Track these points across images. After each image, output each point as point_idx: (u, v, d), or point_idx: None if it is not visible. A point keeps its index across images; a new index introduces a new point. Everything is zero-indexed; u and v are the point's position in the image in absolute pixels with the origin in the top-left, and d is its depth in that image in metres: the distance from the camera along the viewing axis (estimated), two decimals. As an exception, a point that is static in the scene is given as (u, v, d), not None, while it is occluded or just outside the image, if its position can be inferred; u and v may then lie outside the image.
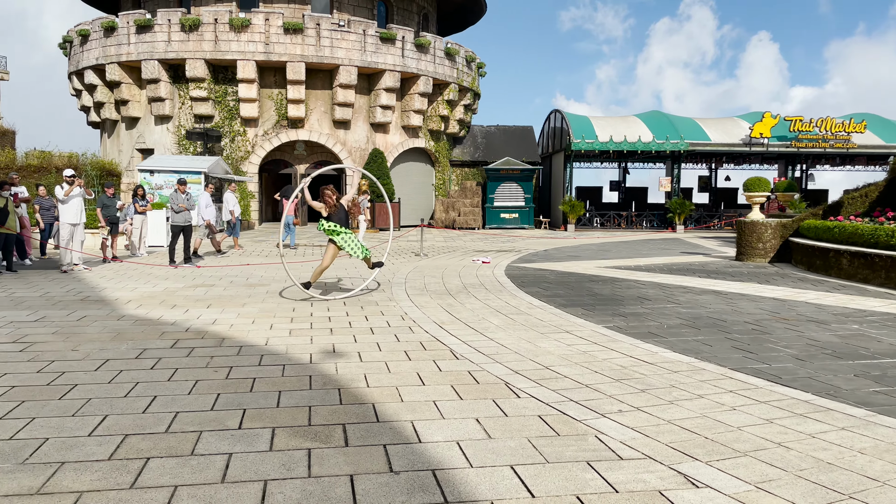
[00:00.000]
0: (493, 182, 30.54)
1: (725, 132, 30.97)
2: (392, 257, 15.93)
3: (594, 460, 3.60)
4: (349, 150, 27.91)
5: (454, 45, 30.10)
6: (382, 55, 27.10)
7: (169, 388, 4.87)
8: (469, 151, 33.18)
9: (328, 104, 27.46)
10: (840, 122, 29.70)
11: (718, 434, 4.02)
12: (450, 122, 31.23)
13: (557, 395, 4.82)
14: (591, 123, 30.87)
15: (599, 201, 36.63)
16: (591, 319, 7.94)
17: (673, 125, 30.75)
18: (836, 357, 6.08)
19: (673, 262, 15.23)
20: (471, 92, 31.68)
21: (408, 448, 3.75)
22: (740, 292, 10.36)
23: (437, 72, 28.98)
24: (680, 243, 22.15)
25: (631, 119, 32.20)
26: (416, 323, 7.55)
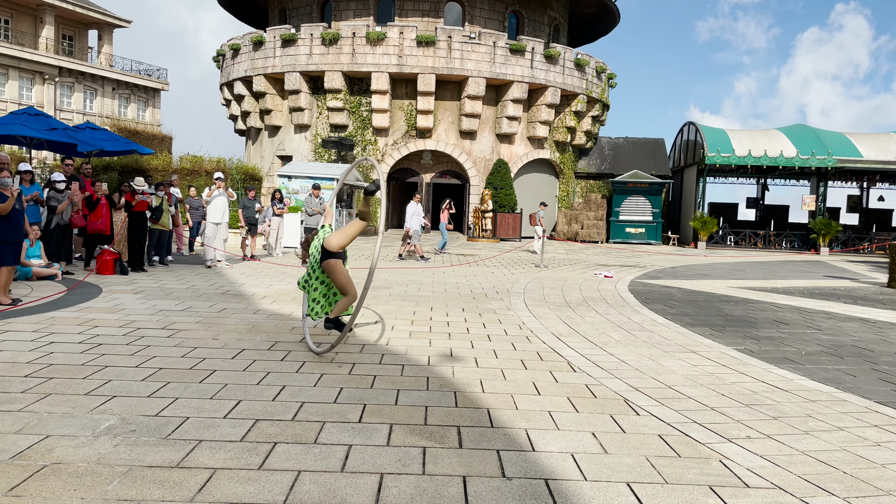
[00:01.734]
0: (619, 195, 29.80)
1: (880, 148, 28.48)
2: (511, 268, 15.93)
3: (717, 485, 3.43)
4: (474, 161, 28.25)
5: (584, 55, 29.74)
6: (511, 66, 27.25)
7: (296, 379, 5.14)
8: (595, 163, 32.60)
9: (455, 115, 27.94)
10: None
11: (859, 470, 3.70)
12: (576, 134, 30.84)
13: (680, 415, 4.63)
14: (727, 136, 29.41)
15: (734, 219, 34.78)
16: (720, 341, 7.55)
17: (819, 139, 28.67)
18: None
19: (815, 286, 14.18)
20: (599, 103, 31.14)
21: (521, 455, 3.74)
22: (891, 321, 9.47)
23: (565, 83, 28.74)
24: (823, 266, 20.58)
25: (772, 132, 30.37)
26: (533, 333, 7.51)
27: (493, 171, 27.43)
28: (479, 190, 27.86)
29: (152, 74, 47.08)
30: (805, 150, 28.01)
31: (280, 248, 16.54)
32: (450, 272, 14.12)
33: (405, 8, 28.34)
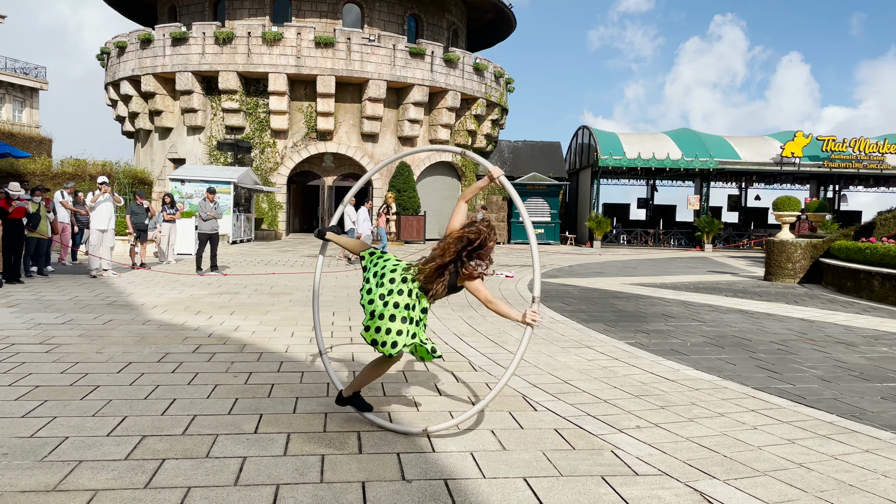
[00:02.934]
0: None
1: (756, 151, 30.61)
2: (416, 270, 15.95)
3: (609, 475, 3.55)
4: (376, 163, 28.13)
5: (483, 60, 30.27)
6: (411, 69, 27.34)
7: (188, 391, 4.92)
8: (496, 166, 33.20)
9: (357, 117, 27.74)
10: (874, 143, 29.19)
11: (738, 453, 3.94)
12: (477, 137, 31.33)
13: (575, 409, 4.78)
14: (619, 140, 30.73)
15: (626, 218, 36.37)
16: (613, 335, 7.86)
17: (702, 143, 30.48)
18: (863, 379, 5.93)
19: (699, 281, 15.04)
20: (498, 107, 31.78)
21: (421, 457, 3.74)
22: (767, 312, 10.18)
23: (465, 87, 29.14)
24: (708, 262, 21.87)
25: (660, 136, 31.99)
26: (435, 334, 7.55)
27: (396, 174, 27.43)
28: (383, 193, 27.76)
29: (29, 73, 43.94)
30: (689, 152, 29.68)
31: (173, 255, 15.83)
32: (354, 276, 13.98)
33: (302, 8, 27.87)
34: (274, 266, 15.67)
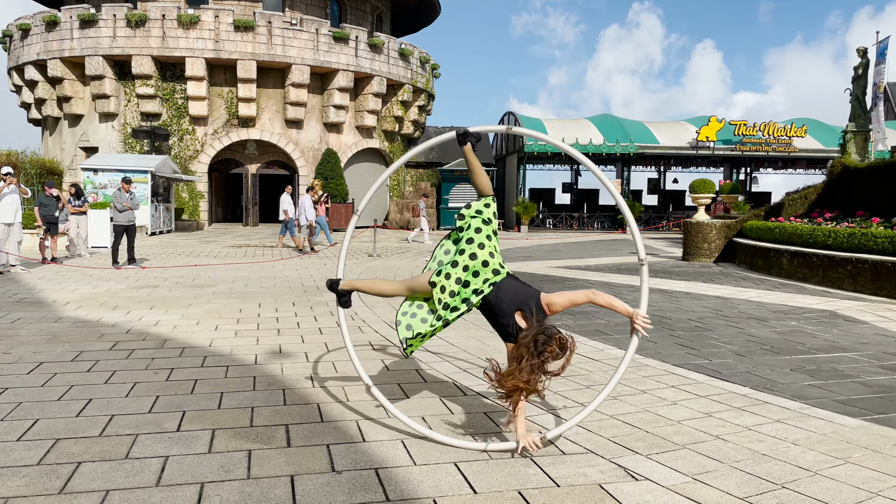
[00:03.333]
0: (447, 183, 30.62)
1: (673, 135, 31.69)
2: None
3: (537, 456, 3.62)
4: (302, 150, 27.63)
5: (408, 45, 30.08)
6: (335, 55, 26.91)
7: (105, 390, 4.71)
8: (423, 152, 33.16)
9: (280, 103, 27.12)
10: (782, 127, 30.70)
11: (658, 427, 4.09)
12: (404, 123, 31.18)
13: (504, 392, 4.84)
14: (543, 126, 31.21)
15: (552, 203, 37.06)
16: (541, 318, 7.99)
17: (623, 128, 31.32)
18: (774, 352, 6.26)
19: (622, 262, 15.49)
20: (425, 93, 31.70)
21: (351, 447, 3.71)
22: (685, 291, 10.59)
23: (390, 72, 28.91)
24: (630, 244, 22.55)
25: (582, 122, 32.67)
26: (365, 323, 7.50)
27: (323, 161, 27.02)
28: (309, 180, 27.29)
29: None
30: (611, 137, 30.45)
31: (86, 248, 15.10)
32: (280, 266, 13.71)
33: (220, -10, 26.94)
34: (196, 258, 15.18)
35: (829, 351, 6.34)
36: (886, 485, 3.26)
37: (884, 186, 12.85)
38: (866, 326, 7.65)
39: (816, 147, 31.28)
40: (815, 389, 5.00)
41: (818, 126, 32.25)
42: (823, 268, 11.33)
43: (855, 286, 10.57)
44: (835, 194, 14.83)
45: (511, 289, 3.72)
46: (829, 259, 11.20)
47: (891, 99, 31.94)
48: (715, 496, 3.14)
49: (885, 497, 3.12)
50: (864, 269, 10.40)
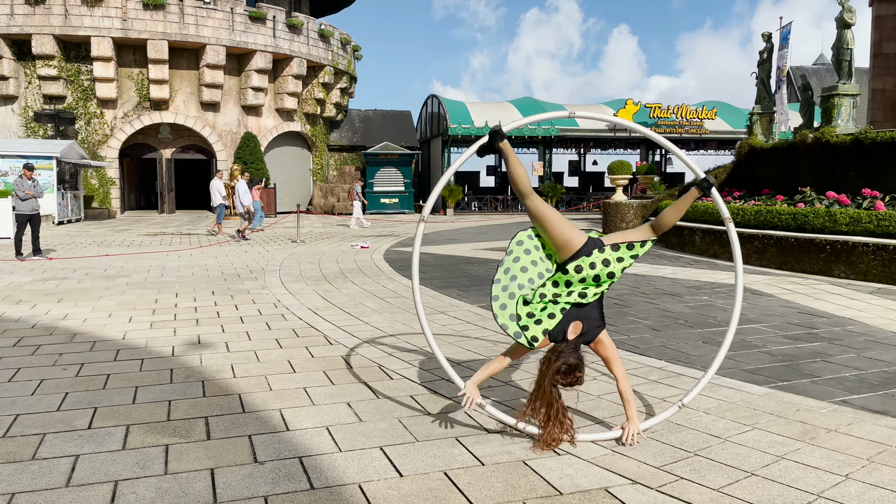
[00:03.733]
0: (372, 167, 30.34)
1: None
2: (267, 245, 15.46)
3: (462, 436, 3.65)
4: (219, 134, 26.74)
5: (328, 26, 29.51)
6: (252, 35, 26.10)
7: (9, 389, 4.44)
8: (347, 136, 32.74)
9: (195, 85, 26.13)
10: (694, 110, 31.90)
11: (581, 403, 4.20)
12: (326, 106, 30.64)
13: (430, 374, 4.86)
14: (467, 109, 31.33)
15: (477, 186, 37.33)
16: (466, 300, 8.07)
17: (544, 111, 31.77)
18: (687, 326, 6.53)
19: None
20: (347, 75, 31.22)
21: (275, 437, 3.64)
22: (606, 269, 10.89)
23: (311, 54, 28.30)
24: (552, 225, 22.97)
25: (505, 105, 32.98)
26: (289, 310, 7.36)
27: (242, 145, 26.26)
28: (228, 165, 26.50)
29: None
30: (533, 120, 30.85)
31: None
32: (198, 254, 13.27)
33: (127, -35, 25.59)
34: (108, 247, 14.51)
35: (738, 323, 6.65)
36: (790, 448, 3.46)
37: (787, 166, 13.55)
38: (772, 299, 8.09)
39: (726, 129, 32.68)
40: (726, 360, 5.24)
41: (727, 109, 33.68)
42: (733, 244, 11.88)
43: (762, 261, 11.14)
44: (742, 174, 15.55)
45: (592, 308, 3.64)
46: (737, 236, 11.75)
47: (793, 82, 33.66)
48: (633, 466, 3.25)
49: (788, 460, 3.31)
50: (769, 244, 10.97)
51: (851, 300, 7.95)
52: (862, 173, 11.40)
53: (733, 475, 3.14)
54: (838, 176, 11.88)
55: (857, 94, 12.76)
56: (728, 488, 3.00)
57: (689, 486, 3.04)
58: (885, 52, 17.18)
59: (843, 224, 9.78)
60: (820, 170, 12.24)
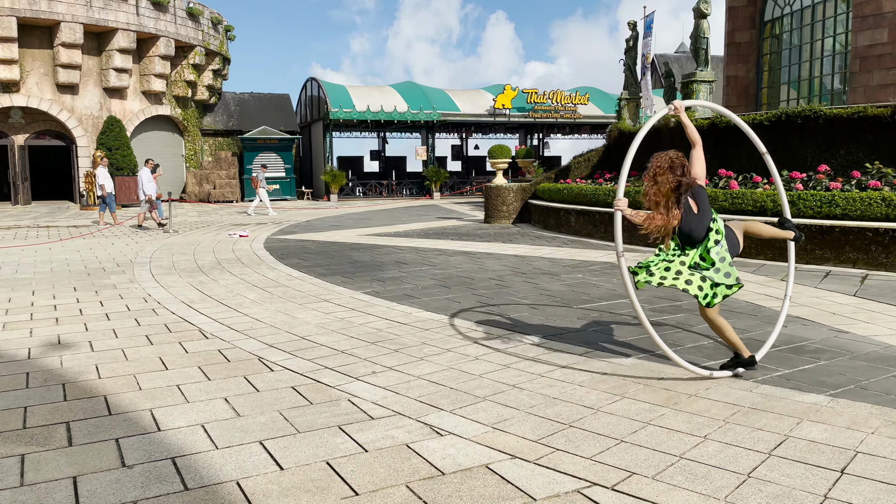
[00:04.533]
0: (250, 152, 29.30)
1: (473, 103, 32.91)
2: (136, 236, 14.59)
3: (346, 423, 3.62)
4: (79, 118, 24.85)
5: (198, 5, 28.07)
6: (113, 12, 24.36)
7: None
8: (222, 120, 31.38)
9: (49, 66, 24.10)
10: (568, 95, 33.10)
11: (462, 383, 4.27)
12: (198, 88, 29.20)
13: (312, 363, 4.77)
14: (348, 93, 30.88)
15: (361, 171, 36.99)
16: (351, 286, 7.99)
17: (426, 96, 31.91)
18: (563, 304, 6.80)
19: (429, 227, 15.92)
20: (219, 56, 29.88)
21: (145, 439, 3.45)
22: (487, 251, 11.15)
23: (179, 33, 26.82)
24: (437, 209, 23.24)
25: (387, 89, 32.78)
26: (160, 304, 6.99)
27: (105, 131, 24.55)
28: (90, 152, 24.72)
29: None
30: (415, 105, 30.92)
31: None
32: (58, 248, 12.31)
33: (-38, -69, 23.09)
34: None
35: (609, 299, 7.02)
36: (656, 414, 3.69)
37: (652, 149, 14.36)
38: (640, 274, 8.57)
39: (598, 114, 34.17)
40: (598, 334, 5.52)
41: (599, 94, 35.20)
42: (605, 224, 12.49)
43: (631, 239, 11.76)
44: (613, 157, 16.34)
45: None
46: (609, 216, 12.35)
47: (657, 69, 35.66)
48: (512, 441, 3.36)
49: (654, 425, 3.53)
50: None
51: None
52: (718, 155, 12.28)
53: (605, 443, 3.31)
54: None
55: (713, 80, 13.72)
56: (600, 456, 3.16)
57: (565, 456, 3.17)
58: (737, 41, 18.57)
59: (702, 203, 10.52)
60: (681, 151, 13.05)
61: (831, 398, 3.88)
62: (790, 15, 17.23)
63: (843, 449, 3.18)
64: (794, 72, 17.29)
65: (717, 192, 10.42)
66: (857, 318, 5.97)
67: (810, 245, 9.04)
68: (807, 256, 9.08)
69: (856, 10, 14.23)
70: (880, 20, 13.70)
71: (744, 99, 18.62)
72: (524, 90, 32.47)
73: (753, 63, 18.48)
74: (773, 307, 6.46)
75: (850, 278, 8.02)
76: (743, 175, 11.38)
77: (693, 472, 2.98)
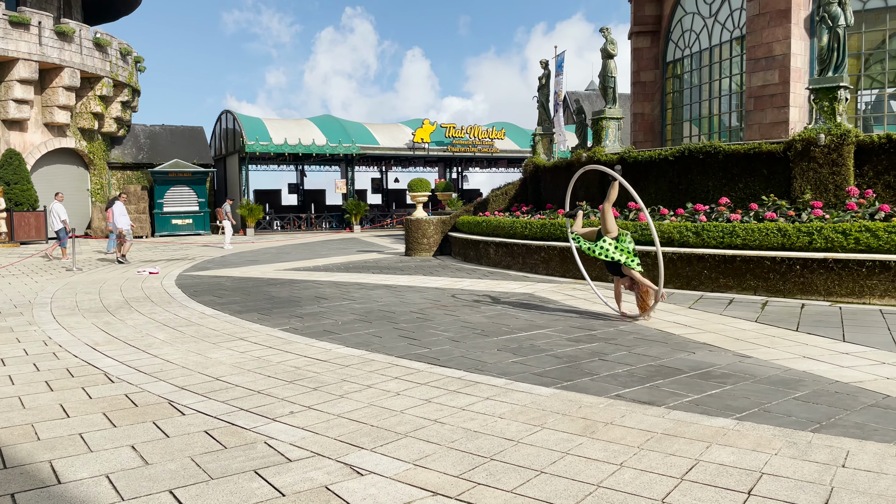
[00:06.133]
0: (161, 186, 28.35)
1: (392, 137, 33.13)
2: (36, 275, 13.78)
3: (262, 467, 3.50)
4: (-27, 151, 23.38)
5: (105, 35, 27.19)
6: (14, 41, 23.28)
7: None
8: (131, 153, 30.29)
9: (-60, 95, 22.66)
10: (485, 130, 33.85)
11: (383, 420, 4.22)
12: (105, 121, 28.13)
13: (227, 405, 4.61)
14: (264, 125, 30.49)
15: (279, 204, 36.43)
16: (267, 323, 7.80)
17: (345, 129, 31.89)
18: (484, 335, 6.86)
19: (350, 261, 15.78)
20: (129, 88, 28.95)
21: (43, 493, 3.22)
22: (408, 285, 11.14)
23: (85, 64, 25.86)
24: (357, 242, 23.09)
25: (304, 122, 32.58)
26: (62, 347, 6.60)
27: (3, 164, 23.23)
28: None
29: None
30: (333, 138, 30.84)
31: None
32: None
33: None
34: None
35: (528, 329, 7.14)
36: (574, 444, 3.76)
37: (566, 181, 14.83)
38: (557, 305, 8.78)
39: (514, 148, 35.06)
40: (518, 365, 5.59)
41: (514, 129, 36.18)
42: (523, 255, 12.75)
43: (548, 270, 12.06)
44: (529, 190, 16.77)
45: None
46: (526, 247, 12.63)
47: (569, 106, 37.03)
48: (434, 478, 3.33)
49: (573, 455, 3.59)
50: (553, 254, 11.91)
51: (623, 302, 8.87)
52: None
53: (525, 475, 3.34)
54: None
55: (621, 117, 14.34)
56: (520, 488, 3.18)
57: (486, 490, 3.17)
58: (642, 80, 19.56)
59: (614, 234, 10.91)
60: (593, 185, 13.56)
61: (737, 421, 4.06)
62: (690, 56, 18.32)
63: (749, 471, 3.32)
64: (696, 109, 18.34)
65: (626, 224, 10.84)
66: (759, 343, 6.30)
67: (714, 274, 9.51)
68: (712, 285, 9.54)
69: (749, 53, 15.29)
70: (771, 62, 14.78)
71: (650, 135, 19.56)
72: (442, 124, 32.98)
73: (658, 101, 19.49)
74: (682, 334, 6.74)
75: (752, 305, 8.47)
76: (651, 207, 11.89)
77: (610, 500, 3.04)
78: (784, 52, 14.58)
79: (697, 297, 9.15)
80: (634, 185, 12.59)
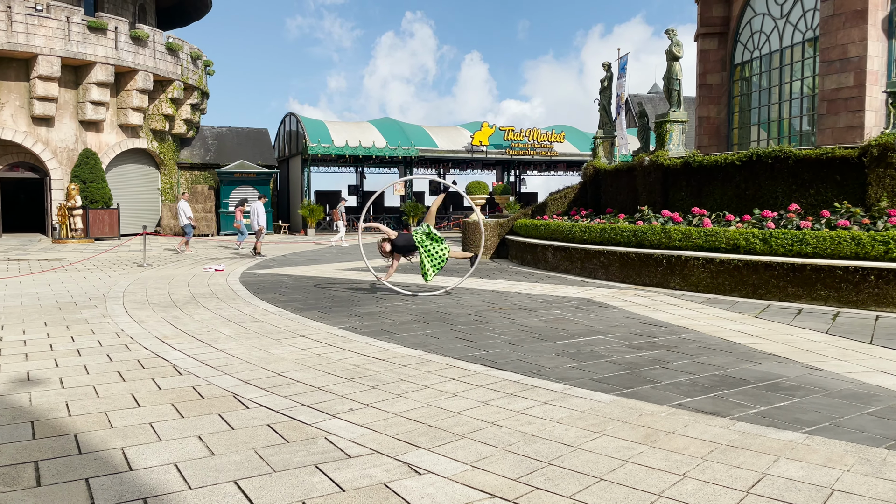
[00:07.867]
0: (227, 186, 29.20)
1: (450, 140, 33.25)
2: (109, 269, 14.38)
3: (322, 462, 3.57)
4: (54, 151, 24.64)
5: (177, 40, 28.20)
6: (92, 46, 24.38)
7: None
8: (199, 153, 31.31)
9: (25, 98, 23.95)
10: (544, 133, 33.61)
11: (441, 420, 4.24)
12: (175, 122, 29.17)
13: (289, 401, 4.71)
14: (326, 128, 31.04)
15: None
16: (327, 322, 7.93)
17: (404, 132, 32.19)
18: (541, 339, 6.81)
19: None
20: (198, 90, 29.93)
21: (116, 479, 3.36)
22: (465, 287, 11.16)
23: (157, 67, 26.87)
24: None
25: (365, 125, 33.03)
26: (133, 340, 6.87)
27: (80, 163, 24.33)
28: (64, 184, 24.47)
29: None
30: (393, 140, 31.15)
31: None
32: (28, 281, 12.08)
33: (-60, -37, 23.08)
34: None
35: (586, 335, 7.05)
36: (635, 452, 3.69)
37: (627, 186, 14.60)
38: (616, 311, 8.64)
39: (573, 151, 34.70)
40: (576, 371, 5.53)
41: (574, 132, 35.80)
42: (581, 260, 12.60)
43: (607, 275, 11.88)
44: (589, 194, 16.56)
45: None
46: (585, 252, 12.48)
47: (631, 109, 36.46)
48: (491, 480, 3.33)
49: (633, 463, 3.53)
50: (613, 259, 11.74)
51: (685, 310, 8.67)
52: (691, 192, 12.52)
53: (584, 481, 3.30)
54: (671, 195, 12.99)
55: (686, 120, 14.02)
56: (579, 494, 3.15)
57: (545, 495, 3.15)
58: (708, 83, 19.07)
59: (677, 240, 10.67)
60: (655, 189, 13.30)
61: (807, 435, 3.92)
62: (759, 59, 17.77)
63: (819, 486, 3.20)
64: (764, 113, 17.77)
65: (690, 229, 10.59)
66: (829, 355, 6.06)
67: (782, 283, 9.20)
68: (779, 294, 9.22)
69: (822, 55, 14.73)
70: (846, 64, 14.20)
71: (715, 139, 19.05)
72: (501, 127, 32.91)
73: (724, 104, 18.97)
74: (747, 344, 6.54)
75: (822, 315, 8.15)
76: (716, 213, 11.59)
77: (672, 510, 2.98)
78: (860, 54, 13.98)
79: (764, 307, 8.86)
80: (698, 190, 12.31)
